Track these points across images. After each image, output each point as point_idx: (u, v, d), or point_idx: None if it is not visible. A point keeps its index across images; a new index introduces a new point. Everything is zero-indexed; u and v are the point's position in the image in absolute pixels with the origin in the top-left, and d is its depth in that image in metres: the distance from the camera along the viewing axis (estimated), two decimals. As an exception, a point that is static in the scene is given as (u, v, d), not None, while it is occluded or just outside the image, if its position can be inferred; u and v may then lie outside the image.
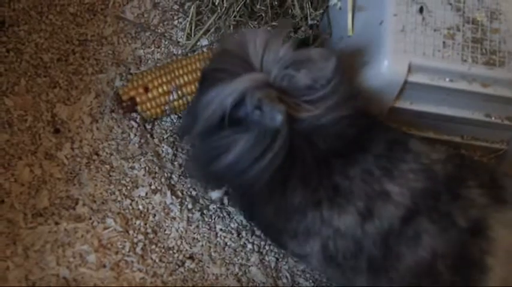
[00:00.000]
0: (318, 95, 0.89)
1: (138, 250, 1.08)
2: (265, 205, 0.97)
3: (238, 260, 1.12)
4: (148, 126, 1.18)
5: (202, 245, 1.11)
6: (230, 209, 1.15)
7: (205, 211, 1.14)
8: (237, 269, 1.11)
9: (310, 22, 1.22)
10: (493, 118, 1.11)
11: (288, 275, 1.13)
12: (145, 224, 1.11)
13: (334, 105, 0.90)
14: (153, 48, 1.24)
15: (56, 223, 1.08)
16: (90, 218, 1.09)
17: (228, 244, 1.13)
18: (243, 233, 1.14)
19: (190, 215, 1.13)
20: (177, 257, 1.10)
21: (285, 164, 0.89)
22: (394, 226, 0.90)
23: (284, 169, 0.90)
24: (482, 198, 0.91)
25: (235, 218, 1.15)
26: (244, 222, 1.14)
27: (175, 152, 1.17)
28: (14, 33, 1.21)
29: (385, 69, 1.02)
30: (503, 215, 0.90)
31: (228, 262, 1.11)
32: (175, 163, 1.17)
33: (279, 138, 0.87)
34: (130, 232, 1.09)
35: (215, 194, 1.15)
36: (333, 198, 0.92)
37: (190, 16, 1.22)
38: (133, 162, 1.15)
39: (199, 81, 1.01)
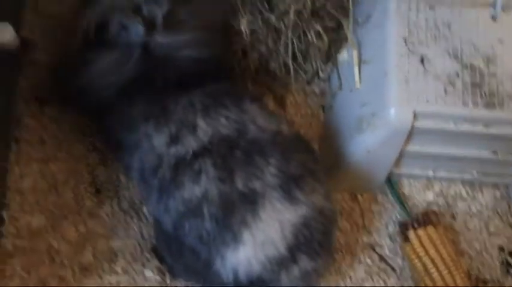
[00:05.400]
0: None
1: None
2: (113, 117, 1.06)
3: None
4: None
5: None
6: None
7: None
8: None
9: (321, 75, 1.31)
10: (499, 155, 1.17)
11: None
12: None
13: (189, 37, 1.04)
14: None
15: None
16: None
17: None
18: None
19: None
20: None
21: (136, 83, 1.01)
22: (186, 156, 0.97)
23: (135, 87, 1.02)
24: (273, 178, 0.95)
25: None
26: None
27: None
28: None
29: (392, 118, 1.09)
30: (278, 202, 0.95)
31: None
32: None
33: (135, 52, 1.00)
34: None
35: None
36: (158, 118, 1.01)
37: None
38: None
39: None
